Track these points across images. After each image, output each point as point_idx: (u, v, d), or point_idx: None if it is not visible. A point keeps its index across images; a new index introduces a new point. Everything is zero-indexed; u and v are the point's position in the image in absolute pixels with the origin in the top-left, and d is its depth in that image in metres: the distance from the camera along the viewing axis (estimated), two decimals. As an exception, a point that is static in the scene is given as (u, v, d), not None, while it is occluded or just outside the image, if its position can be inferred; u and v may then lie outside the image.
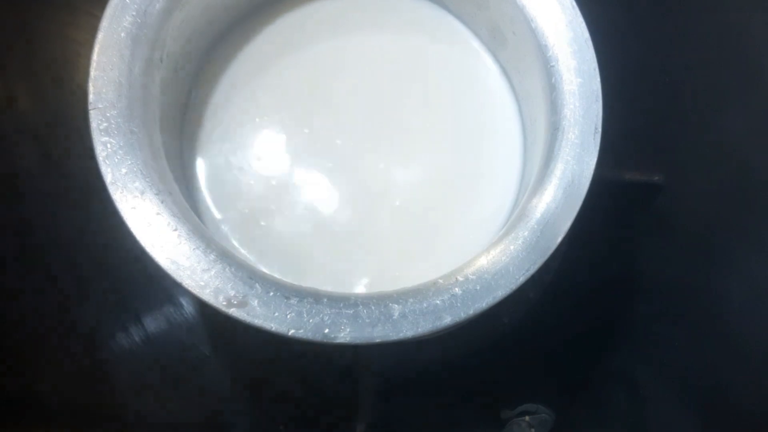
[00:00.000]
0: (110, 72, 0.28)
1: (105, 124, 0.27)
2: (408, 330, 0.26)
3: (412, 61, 0.38)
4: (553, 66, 0.32)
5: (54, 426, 0.40)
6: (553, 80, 0.32)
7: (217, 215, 0.35)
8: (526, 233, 0.29)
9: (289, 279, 0.28)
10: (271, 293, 0.26)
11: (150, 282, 0.41)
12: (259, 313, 0.26)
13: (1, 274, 0.41)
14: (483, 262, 0.28)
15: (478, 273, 0.28)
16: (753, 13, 0.33)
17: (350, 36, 0.38)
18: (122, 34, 0.29)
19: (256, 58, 0.38)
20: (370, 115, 0.37)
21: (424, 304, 0.27)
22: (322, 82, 0.37)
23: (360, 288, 0.34)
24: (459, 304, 0.27)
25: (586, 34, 0.32)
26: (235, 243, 0.34)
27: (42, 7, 0.45)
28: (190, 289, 0.26)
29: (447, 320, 0.27)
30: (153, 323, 0.41)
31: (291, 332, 0.26)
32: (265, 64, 0.37)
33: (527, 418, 0.41)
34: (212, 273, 0.26)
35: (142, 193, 0.27)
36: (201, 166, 0.36)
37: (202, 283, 0.26)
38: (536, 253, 0.28)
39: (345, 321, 0.26)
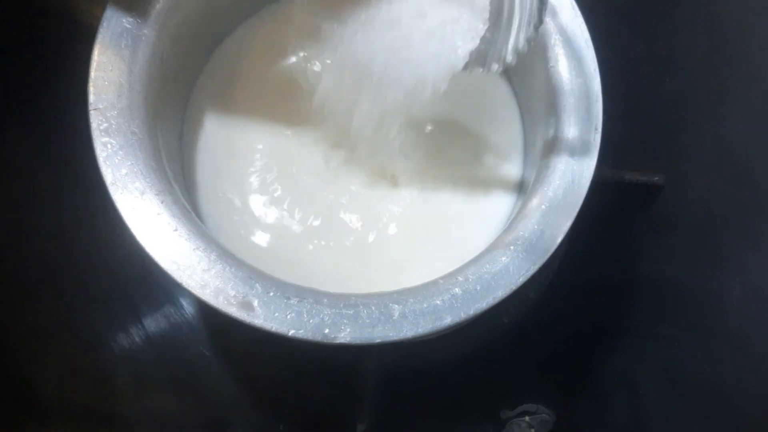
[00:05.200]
0: (110, 72, 0.28)
1: (105, 125, 0.27)
2: (408, 330, 0.26)
3: (412, 61, 0.38)
4: (553, 66, 0.32)
5: (54, 426, 0.40)
6: (553, 80, 0.32)
7: (218, 215, 0.35)
8: (526, 233, 0.29)
9: (288, 279, 0.28)
10: (271, 293, 0.26)
11: (150, 282, 0.41)
12: (259, 313, 0.26)
13: (1, 275, 0.41)
14: (483, 262, 0.28)
15: (478, 273, 0.28)
16: (753, 13, 0.33)
17: (350, 36, 0.38)
18: (122, 34, 0.29)
19: (256, 58, 0.38)
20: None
21: (424, 304, 0.27)
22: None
23: (360, 288, 0.34)
24: (459, 304, 0.27)
25: (587, 35, 0.32)
26: (235, 243, 0.34)
27: (42, 7, 0.45)
28: (190, 289, 0.26)
29: (447, 320, 0.27)
30: (153, 323, 0.42)
31: (291, 332, 0.26)
32: (266, 64, 0.37)
33: (527, 418, 0.41)
34: (212, 273, 0.26)
35: (143, 193, 0.27)
36: (201, 166, 0.36)
37: (202, 283, 0.26)
38: (536, 253, 0.28)
39: (345, 321, 0.26)
